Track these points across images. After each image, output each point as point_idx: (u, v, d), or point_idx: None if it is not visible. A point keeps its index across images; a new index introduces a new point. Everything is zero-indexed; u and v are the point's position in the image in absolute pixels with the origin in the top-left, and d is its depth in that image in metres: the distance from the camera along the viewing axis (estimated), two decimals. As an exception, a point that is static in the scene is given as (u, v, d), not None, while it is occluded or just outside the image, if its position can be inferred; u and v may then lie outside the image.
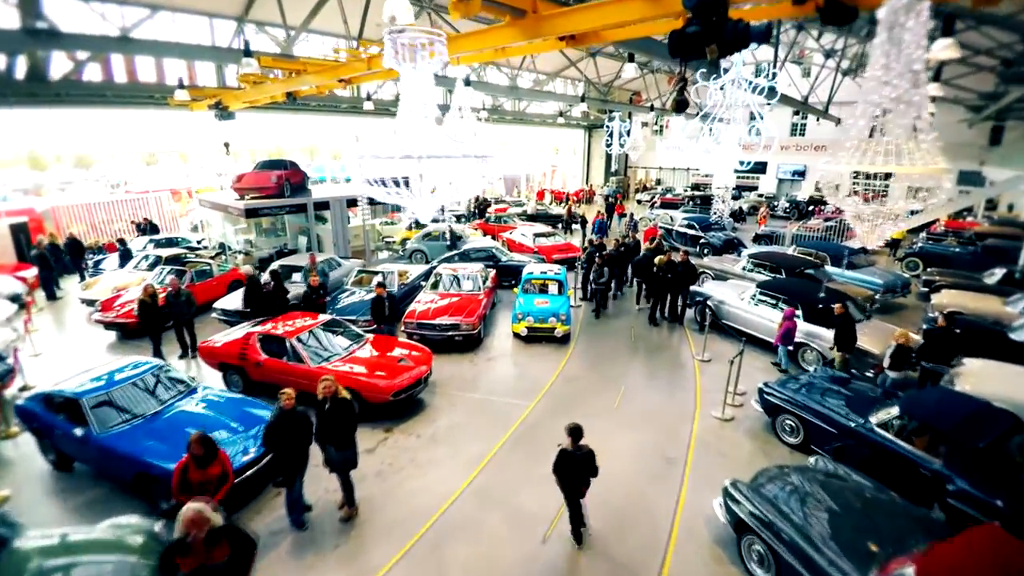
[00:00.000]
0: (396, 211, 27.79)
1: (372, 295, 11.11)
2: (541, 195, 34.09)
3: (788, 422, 7.57)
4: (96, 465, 6.92)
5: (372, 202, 18.80)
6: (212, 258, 16.83)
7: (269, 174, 16.31)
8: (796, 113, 35.34)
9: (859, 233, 6.49)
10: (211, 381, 9.43)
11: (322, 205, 16.88)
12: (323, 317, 9.44)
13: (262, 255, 16.48)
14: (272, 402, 6.19)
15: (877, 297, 13.17)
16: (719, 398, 8.65)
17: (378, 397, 7.86)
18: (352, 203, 17.80)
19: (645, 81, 31.97)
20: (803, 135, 35.70)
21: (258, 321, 9.59)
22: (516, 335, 11.11)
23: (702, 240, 19.37)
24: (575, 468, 5.35)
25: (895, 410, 6.55)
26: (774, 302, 10.61)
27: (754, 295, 11.03)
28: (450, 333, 10.41)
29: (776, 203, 32.52)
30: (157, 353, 10.13)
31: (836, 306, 9.11)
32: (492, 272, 13.66)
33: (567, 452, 5.33)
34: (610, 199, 29.07)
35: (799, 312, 10.07)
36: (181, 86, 14.11)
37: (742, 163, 16.33)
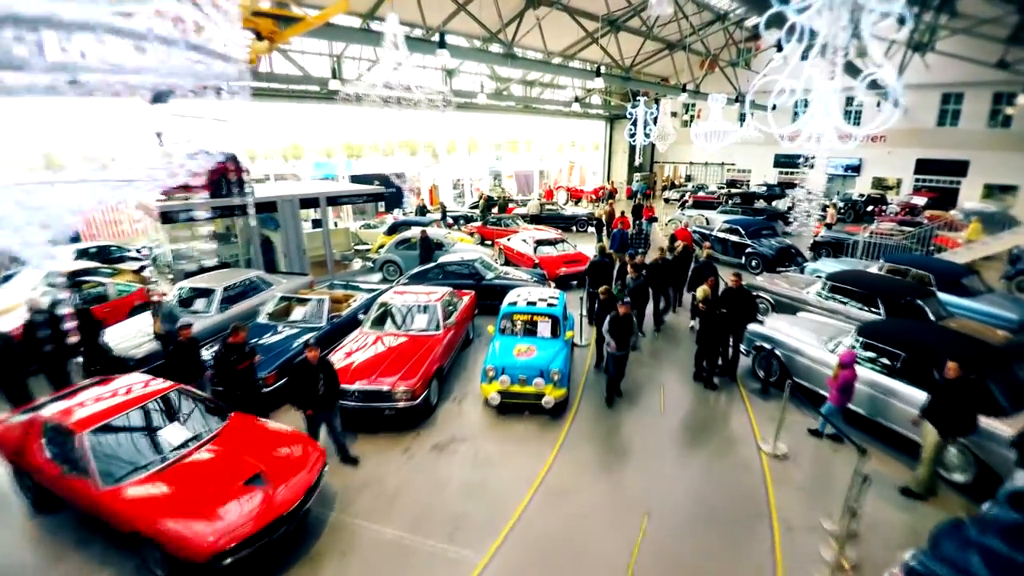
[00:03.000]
0: (387, 210, 24.48)
1: (302, 352, 7.54)
2: (550, 194, 30.05)
3: (984, 653, 3.72)
4: None
5: (335, 201, 15.39)
6: (136, 272, 13.70)
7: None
8: (848, 101, 30.71)
9: None
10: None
11: (267, 206, 13.48)
12: (163, 384, 5.88)
13: (191, 268, 13.16)
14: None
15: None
16: (813, 546, 4.84)
17: (192, 555, 4.31)
18: (310, 203, 14.39)
19: (675, 63, 27.87)
20: (857, 124, 31.00)
21: (72, 390, 6.10)
22: (487, 401, 7.42)
23: (749, 249, 15.32)
24: None
25: None
26: (892, 365, 6.68)
27: (853, 348, 7.10)
28: (376, 405, 6.77)
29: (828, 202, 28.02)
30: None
31: (950, 365, 5.51)
32: (467, 298, 10.01)
33: None
34: (638, 198, 24.83)
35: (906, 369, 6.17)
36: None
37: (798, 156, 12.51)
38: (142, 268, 14.31)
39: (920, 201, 26.12)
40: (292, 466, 5.14)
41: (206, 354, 7.28)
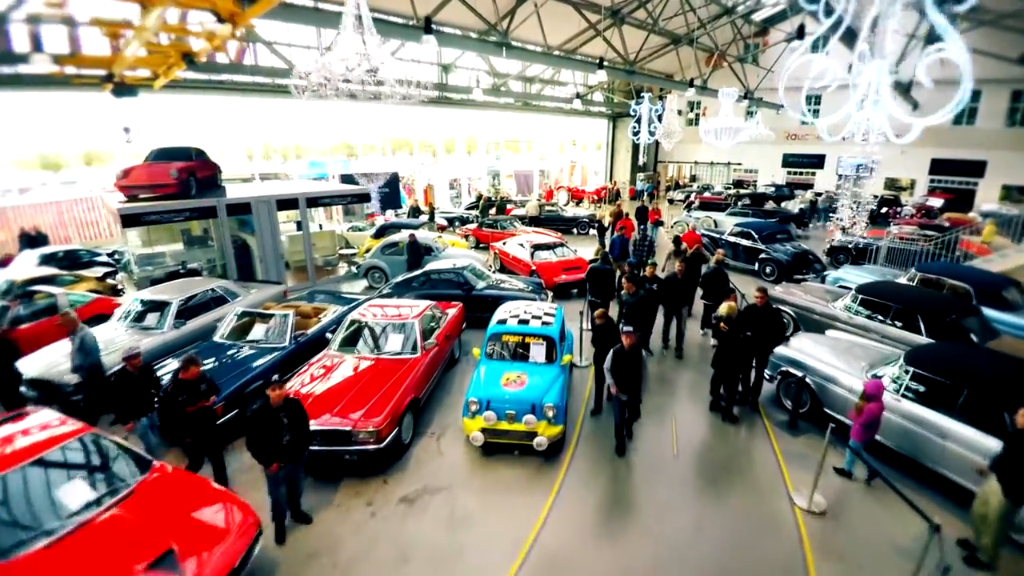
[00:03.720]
0: (379, 211, 23.46)
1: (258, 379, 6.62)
2: (550, 194, 28.94)
3: None
4: None
5: (316, 202, 14.32)
6: (101, 279, 12.68)
7: (167, 167, 11.90)
8: (864, 99, 29.52)
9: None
10: None
11: (241, 207, 12.43)
12: (68, 428, 4.82)
13: (157, 275, 12.10)
14: None
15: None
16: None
17: None
18: (288, 204, 13.34)
19: (680, 59, 26.79)
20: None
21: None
22: (469, 439, 6.34)
23: (763, 255, 14.23)
24: None
25: None
26: (949, 400, 5.59)
27: (899, 379, 6.04)
28: (335, 448, 5.72)
29: (839, 204, 26.81)
30: None
31: (1021, 413, 4.48)
32: (453, 311, 8.96)
33: None
34: (644, 199, 23.26)
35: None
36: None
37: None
38: (109, 275, 13.28)
39: (937, 203, 25.02)
40: (214, 538, 4.09)
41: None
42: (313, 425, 5.57)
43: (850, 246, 15.92)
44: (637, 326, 6.98)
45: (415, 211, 20.31)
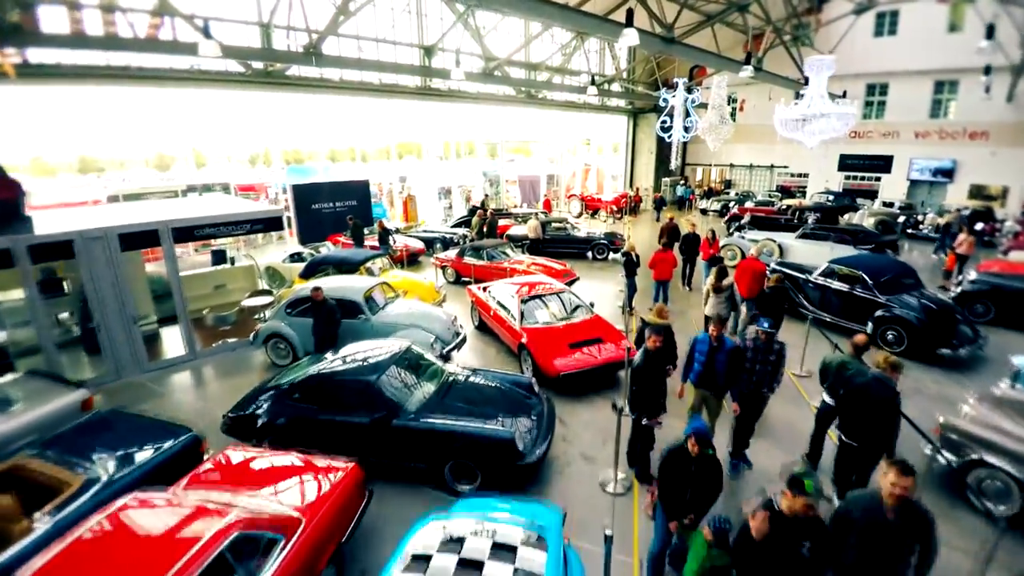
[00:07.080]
0: (343, 231, 18.67)
1: None
2: (548, 205, 23.53)
3: None
4: None
5: (192, 234, 9.58)
6: None
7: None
8: (939, 88, 24.20)
9: None
10: None
11: (57, 250, 7.80)
12: None
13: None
14: None
15: None
16: None
17: None
18: (142, 241, 8.66)
19: (717, 40, 21.80)
20: (946, 115, 24.46)
21: None
22: None
23: (880, 312, 9.20)
24: None
25: None
26: None
27: None
28: None
29: (916, 216, 21.46)
30: None
31: None
32: (323, 488, 4.21)
33: None
34: (688, 221, 17.53)
35: None
36: None
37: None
38: None
39: (1056, 218, 19.64)
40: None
41: None
42: None
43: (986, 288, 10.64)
44: None
45: (357, 232, 14.87)
